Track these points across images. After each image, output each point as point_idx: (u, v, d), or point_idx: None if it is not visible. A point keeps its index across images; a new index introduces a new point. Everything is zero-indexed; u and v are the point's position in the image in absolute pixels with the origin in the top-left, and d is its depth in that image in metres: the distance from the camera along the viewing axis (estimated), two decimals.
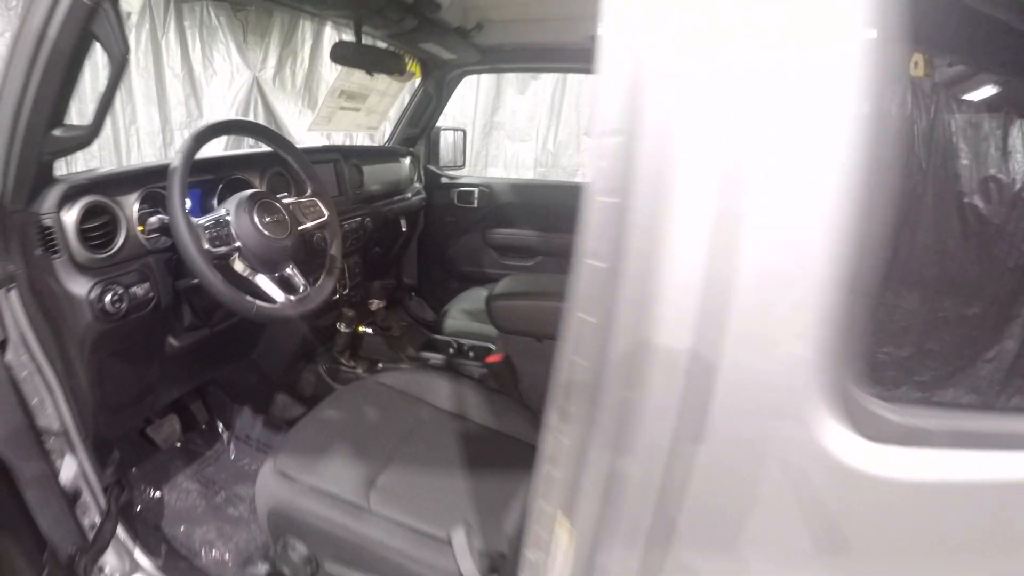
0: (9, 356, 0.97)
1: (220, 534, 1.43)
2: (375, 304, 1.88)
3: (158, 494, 1.51)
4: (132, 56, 3.36)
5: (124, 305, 1.02)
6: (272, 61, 3.71)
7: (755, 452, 0.36)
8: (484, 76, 3.67)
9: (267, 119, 3.72)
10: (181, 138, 2.65)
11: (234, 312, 1.07)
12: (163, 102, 3.53)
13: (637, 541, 0.38)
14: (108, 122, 3.22)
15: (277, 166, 1.41)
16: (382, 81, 1.78)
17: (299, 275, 1.15)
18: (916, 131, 1.44)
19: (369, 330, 1.83)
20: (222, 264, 1.05)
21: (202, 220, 1.05)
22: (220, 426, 1.70)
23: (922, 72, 1.42)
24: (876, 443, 0.36)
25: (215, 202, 1.24)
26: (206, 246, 1.00)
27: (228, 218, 1.07)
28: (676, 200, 0.34)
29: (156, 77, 3.48)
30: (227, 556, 1.38)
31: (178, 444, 1.63)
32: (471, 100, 3.78)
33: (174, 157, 1.02)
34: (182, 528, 1.43)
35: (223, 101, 3.66)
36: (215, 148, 1.38)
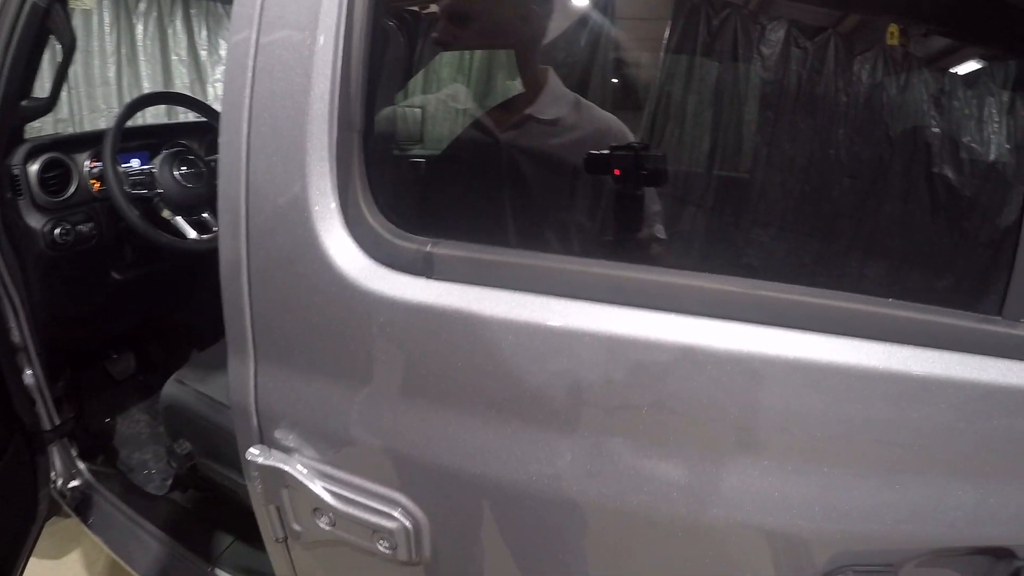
0: None
1: (155, 455, 1.92)
2: None
3: (109, 420, 2.03)
4: (139, 44, 4.08)
5: (71, 238, 1.52)
6: None
7: (285, 272, 0.55)
8: None
9: None
10: (185, 119, 3.25)
11: (157, 247, 1.55)
12: (169, 87, 4.12)
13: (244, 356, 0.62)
14: (116, 104, 3.87)
15: (214, 132, 1.92)
16: None
17: (213, 219, 1.63)
18: (885, 99, 1.78)
19: None
20: (148, 208, 1.55)
21: (131, 170, 1.55)
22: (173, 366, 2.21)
23: (896, 41, 1.81)
24: (385, 267, 0.53)
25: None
26: (127, 188, 1.49)
27: (153, 170, 1.57)
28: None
29: (162, 63, 4.16)
30: (154, 472, 1.86)
31: (140, 379, 2.15)
32: None
33: (111, 122, 1.53)
34: (124, 449, 1.93)
35: None
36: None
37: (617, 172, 0.79)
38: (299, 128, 0.54)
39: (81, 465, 1.67)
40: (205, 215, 1.63)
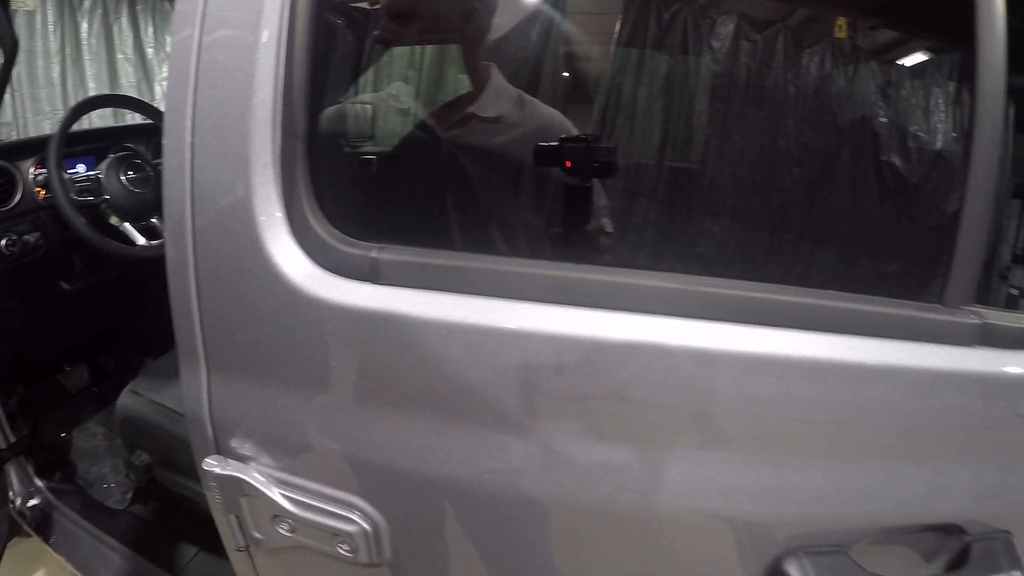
0: None
1: (113, 468, 1.89)
2: None
3: (65, 434, 1.98)
4: (84, 43, 3.97)
5: (17, 249, 1.48)
6: None
7: (233, 281, 0.55)
8: None
9: None
10: (132, 121, 3.18)
11: (106, 255, 1.52)
12: (115, 86, 4.05)
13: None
14: (61, 106, 3.77)
15: (160, 134, 1.88)
16: None
17: (162, 224, 1.60)
18: (833, 90, 1.83)
19: None
20: (96, 215, 1.52)
21: (77, 176, 1.52)
22: (127, 376, 2.18)
23: (844, 35, 1.85)
24: (332, 274, 0.54)
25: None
26: (74, 195, 1.46)
27: (100, 175, 1.53)
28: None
29: (108, 62, 4.05)
30: (113, 486, 1.83)
31: (94, 390, 2.11)
32: None
33: (55, 126, 1.49)
34: (81, 464, 1.89)
35: None
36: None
37: (568, 164, 0.80)
38: (243, 135, 0.55)
39: (39, 483, 1.64)
40: (154, 220, 1.61)
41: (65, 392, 2.04)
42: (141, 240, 1.54)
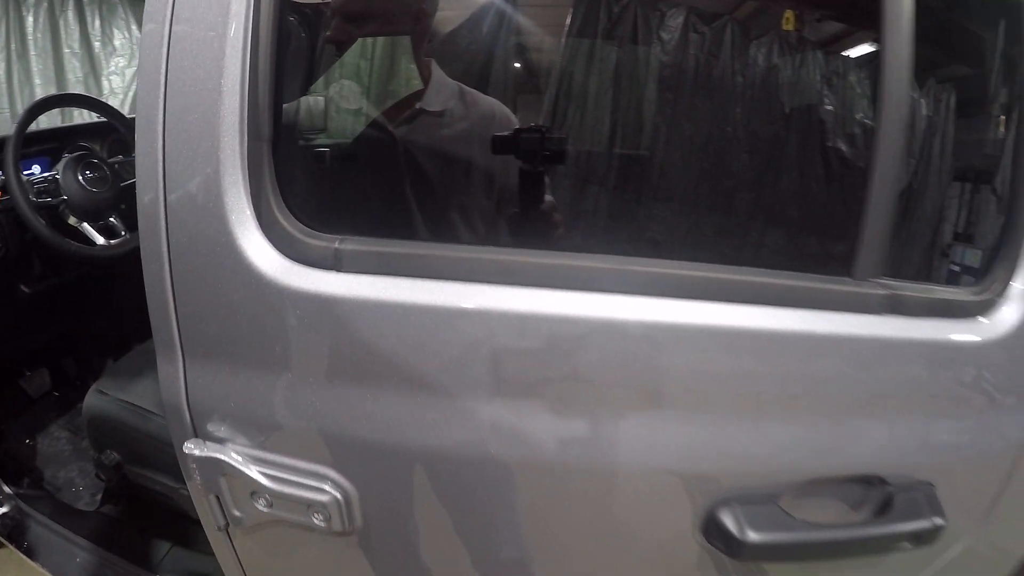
0: None
1: (80, 472, 1.91)
2: None
3: (30, 440, 1.99)
4: (29, 37, 3.90)
5: None
6: None
7: (207, 275, 0.60)
8: None
9: None
10: (81, 117, 3.14)
11: (67, 257, 1.55)
12: (61, 81, 4.01)
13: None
14: (7, 103, 3.72)
15: (116, 132, 1.90)
16: None
17: (120, 223, 1.63)
18: (780, 80, 1.91)
19: None
20: (54, 216, 1.53)
21: (34, 177, 1.53)
22: (89, 378, 2.18)
23: (791, 26, 1.94)
24: (299, 264, 0.60)
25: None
26: (32, 197, 1.47)
27: (57, 176, 1.55)
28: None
29: (54, 57, 3.99)
30: (82, 489, 1.85)
31: (56, 395, 2.12)
32: None
33: (12, 128, 1.51)
34: (48, 469, 1.91)
35: (122, 78, 4.20)
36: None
37: (522, 153, 0.88)
38: (212, 140, 0.60)
39: (8, 490, 1.66)
40: (112, 220, 1.63)
41: (27, 397, 2.05)
42: (100, 240, 1.56)
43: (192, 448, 0.67)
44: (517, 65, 1.43)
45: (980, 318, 0.69)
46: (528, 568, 0.72)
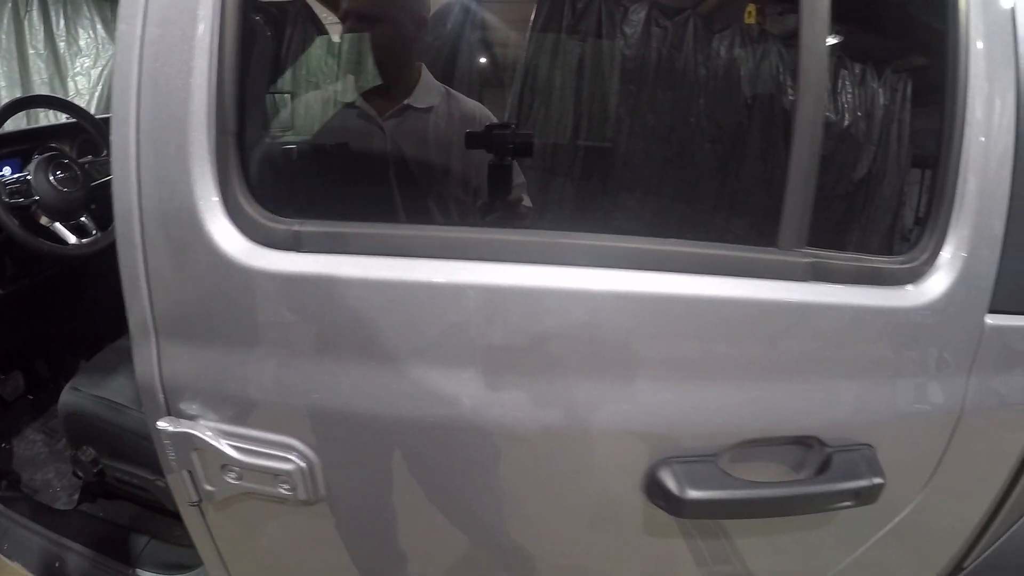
0: None
1: (57, 473, 1.94)
2: None
3: (5, 444, 2.01)
4: None
5: None
6: None
7: (178, 259, 0.67)
8: None
9: None
10: (46, 119, 3.15)
11: (40, 257, 1.58)
12: (27, 82, 3.98)
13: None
14: None
15: (85, 133, 1.93)
16: None
17: (92, 222, 1.66)
18: (743, 71, 2.00)
19: None
20: (27, 216, 1.56)
21: (5, 179, 1.56)
22: (62, 380, 2.20)
23: (753, 20, 2.01)
24: (262, 246, 0.65)
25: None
26: (5, 198, 1.50)
27: (28, 177, 1.58)
28: None
29: (19, 59, 3.98)
30: (59, 490, 1.88)
31: (30, 398, 2.14)
32: None
33: None
34: (25, 472, 1.93)
35: (88, 78, 4.19)
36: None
37: (494, 147, 0.98)
38: (182, 135, 0.65)
39: None
40: (83, 219, 1.66)
41: (2, 401, 2.07)
42: (72, 239, 1.59)
43: (166, 425, 0.72)
44: (483, 60, 1.50)
45: (908, 286, 0.75)
46: (482, 529, 0.78)
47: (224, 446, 0.70)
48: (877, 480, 0.75)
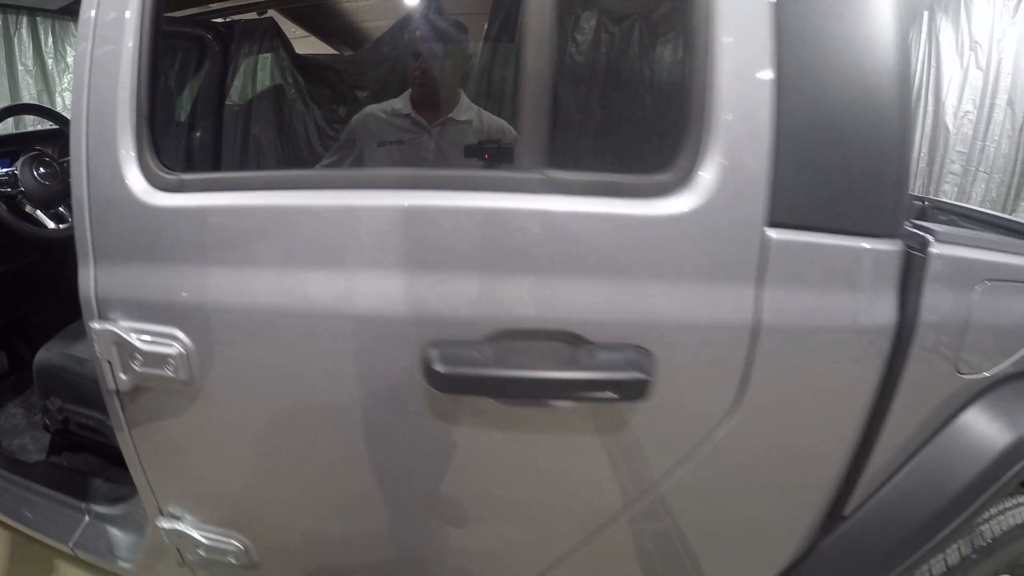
0: None
1: (32, 439, 2.23)
2: None
3: None
4: None
5: None
6: None
7: (108, 202, 0.99)
8: None
9: None
10: (32, 127, 3.50)
11: (23, 237, 1.90)
12: (16, 97, 4.31)
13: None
14: None
15: (65, 138, 2.25)
16: None
17: (68, 212, 1.99)
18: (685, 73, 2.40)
19: None
20: (12, 204, 1.89)
21: None
22: None
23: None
24: (159, 190, 0.95)
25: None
26: None
27: (15, 171, 1.92)
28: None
29: (8, 74, 4.33)
30: (32, 452, 2.16)
31: (12, 378, 2.41)
32: None
33: None
34: (4, 440, 2.21)
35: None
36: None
37: (487, 157, 1.62)
38: (113, 119, 0.97)
39: None
40: (61, 209, 1.99)
41: None
42: (51, 224, 1.93)
43: (96, 325, 1.02)
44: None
45: (658, 199, 0.83)
46: (310, 405, 1.02)
47: (132, 338, 1.00)
48: (639, 375, 0.82)
